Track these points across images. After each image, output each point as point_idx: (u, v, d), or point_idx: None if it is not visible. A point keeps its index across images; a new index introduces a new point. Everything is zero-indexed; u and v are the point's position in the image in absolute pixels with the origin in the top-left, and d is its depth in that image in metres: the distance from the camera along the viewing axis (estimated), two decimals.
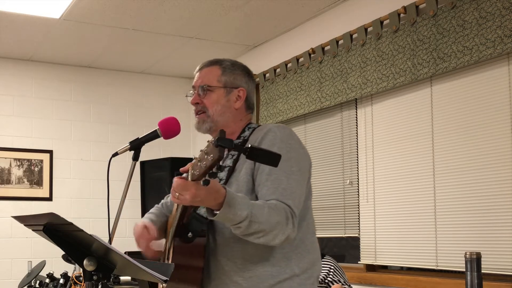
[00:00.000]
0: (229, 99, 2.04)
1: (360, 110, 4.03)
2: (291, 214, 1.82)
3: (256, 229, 1.74)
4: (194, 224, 1.90)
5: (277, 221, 1.77)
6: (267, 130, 1.95)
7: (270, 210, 1.77)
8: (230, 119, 2.04)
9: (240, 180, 1.92)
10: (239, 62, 2.13)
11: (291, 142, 1.94)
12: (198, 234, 1.90)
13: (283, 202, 1.82)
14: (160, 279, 1.61)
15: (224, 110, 2.03)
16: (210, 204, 1.69)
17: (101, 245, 1.60)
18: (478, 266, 2.68)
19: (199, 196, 1.64)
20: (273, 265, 1.91)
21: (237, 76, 2.07)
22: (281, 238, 1.80)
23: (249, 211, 1.72)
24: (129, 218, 5.59)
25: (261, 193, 1.87)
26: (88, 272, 1.69)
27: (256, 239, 1.78)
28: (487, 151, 3.13)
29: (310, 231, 2.01)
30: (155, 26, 4.62)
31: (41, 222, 1.68)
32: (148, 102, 6.03)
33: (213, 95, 2.03)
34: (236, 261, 1.91)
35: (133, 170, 2.00)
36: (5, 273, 5.29)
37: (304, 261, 1.96)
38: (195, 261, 1.91)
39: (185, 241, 1.90)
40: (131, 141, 2.05)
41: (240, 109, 2.06)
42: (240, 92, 2.05)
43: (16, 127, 5.48)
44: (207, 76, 2.06)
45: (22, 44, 5.07)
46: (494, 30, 3.01)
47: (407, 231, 3.60)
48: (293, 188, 1.87)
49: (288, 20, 4.52)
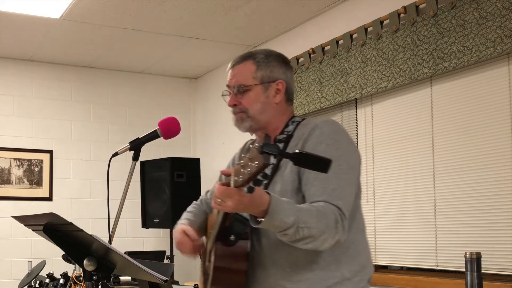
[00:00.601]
0: (268, 94, 1.92)
1: (360, 110, 4.03)
2: (341, 216, 1.72)
3: (304, 235, 1.65)
4: (237, 227, 1.83)
5: (326, 225, 1.68)
6: (313, 125, 1.85)
7: (319, 214, 1.68)
8: (271, 116, 1.93)
9: (285, 178, 1.83)
10: (273, 50, 2.00)
11: (340, 138, 1.83)
12: (241, 237, 1.84)
13: (332, 204, 1.72)
14: (160, 279, 1.61)
15: (264, 107, 1.92)
16: (254, 212, 1.61)
17: (101, 245, 1.60)
18: (478, 266, 2.68)
19: (242, 204, 1.56)
20: (323, 269, 1.82)
21: (273, 68, 1.94)
22: (330, 242, 1.71)
23: (296, 217, 1.63)
24: (129, 218, 5.62)
25: (308, 193, 1.78)
26: (88, 272, 1.70)
27: (304, 245, 1.69)
28: (487, 151, 3.13)
29: (360, 230, 1.92)
30: (155, 26, 4.62)
31: (41, 222, 1.68)
32: (148, 102, 6.03)
33: (250, 94, 1.91)
34: (283, 265, 1.84)
35: (133, 170, 2.00)
36: (5, 273, 5.29)
37: (355, 263, 1.87)
38: (238, 265, 1.85)
39: (227, 244, 1.83)
40: (131, 141, 2.05)
41: (280, 103, 1.94)
42: (279, 85, 1.93)
43: (16, 127, 5.48)
44: (241, 74, 1.93)
45: (22, 44, 5.07)
46: (494, 30, 3.01)
47: (407, 231, 3.60)
48: (343, 188, 1.77)
49: (288, 20, 4.52)
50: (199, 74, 6.08)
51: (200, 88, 6.14)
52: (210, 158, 5.74)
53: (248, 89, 1.91)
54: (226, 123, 5.54)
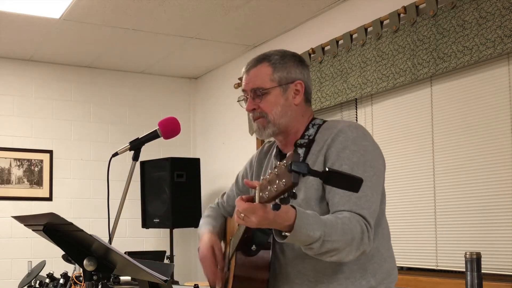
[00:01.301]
0: (287, 96, 1.86)
1: (360, 110, 4.03)
2: (367, 226, 1.68)
3: (329, 248, 1.61)
4: (258, 236, 1.78)
5: (352, 237, 1.63)
6: (337, 131, 1.79)
7: (344, 227, 1.63)
8: (292, 118, 1.87)
9: (309, 185, 1.78)
10: (288, 51, 1.94)
11: (365, 143, 1.78)
12: (263, 247, 1.80)
13: (357, 213, 1.68)
14: (160, 279, 1.61)
15: (285, 110, 1.85)
16: (279, 227, 1.57)
17: (101, 245, 1.60)
18: (478, 266, 2.68)
19: (267, 220, 1.51)
20: (348, 278, 1.78)
21: (290, 69, 1.87)
22: (355, 254, 1.67)
23: (322, 231, 1.58)
24: (129, 218, 5.62)
25: (332, 201, 1.73)
26: (88, 272, 1.69)
27: (329, 257, 1.65)
28: (487, 151, 3.13)
29: (386, 236, 1.88)
30: (155, 26, 4.62)
31: (41, 222, 1.68)
32: (148, 102, 6.03)
33: (269, 97, 1.85)
34: (308, 275, 1.81)
35: (133, 170, 2.00)
36: (5, 273, 5.29)
37: (381, 271, 1.83)
38: (259, 274, 1.81)
39: (249, 254, 1.79)
40: (131, 141, 2.05)
41: (300, 104, 1.88)
42: (298, 85, 1.87)
43: (16, 127, 5.48)
44: (257, 77, 1.87)
45: (22, 44, 5.07)
46: (494, 30, 3.01)
47: (407, 231, 3.60)
48: (368, 196, 1.71)
49: (288, 20, 4.52)
50: (199, 74, 6.08)
51: (200, 88, 6.14)
52: (210, 158, 5.74)
53: (266, 92, 1.85)
54: (226, 123, 5.54)
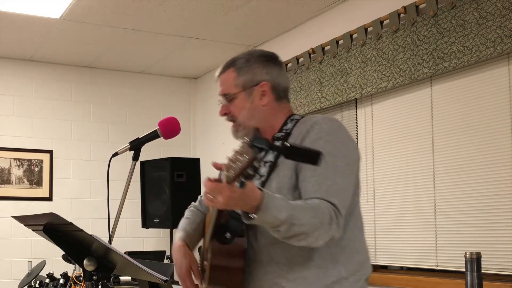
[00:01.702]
0: (253, 100, 1.93)
1: (360, 110, 4.03)
2: (336, 213, 1.70)
3: (297, 231, 1.64)
4: (233, 224, 1.80)
5: (320, 222, 1.66)
6: (312, 122, 1.84)
7: (312, 211, 1.67)
8: (262, 119, 1.93)
9: (282, 176, 1.82)
10: (256, 51, 2.01)
11: (339, 135, 1.83)
12: (237, 235, 1.82)
13: (327, 201, 1.71)
14: (160, 279, 1.61)
15: (251, 113, 1.92)
16: (246, 208, 1.60)
17: (101, 245, 1.60)
18: (478, 266, 2.68)
19: (233, 199, 1.55)
20: (319, 267, 1.80)
21: (255, 71, 1.94)
22: (324, 239, 1.69)
23: (289, 214, 1.62)
24: (129, 218, 5.62)
25: (304, 189, 1.77)
26: (88, 272, 1.69)
27: (297, 241, 1.68)
28: (487, 151, 3.13)
29: (359, 228, 1.90)
30: (155, 26, 4.62)
31: (41, 222, 1.68)
32: (148, 102, 6.03)
33: (236, 102, 1.93)
34: (279, 262, 1.83)
35: (133, 170, 2.00)
36: (5, 273, 5.29)
37: (352, 262, 1.84)
38: (234, 263, 1.83)
39: (224, 242, 1.81)
40: (131, 141, 2.05)
41: (269, 104, 1.93)
42: (263, 86, 1.93)
43: (16, 127, 5.48)
44: (224, 83, 1.96)
45: (22, 44, 5.07)
46: (494, 30, 3.01)
47: (407, 231, 3.60)
48: (339, 185, 1.75)
49: (288, 20, 4.52)
50: (199, 74, 6.08)
51: (200, 88, 6.14)
52: (210, 158, 5.74)
53: (233, 98, 1.93)
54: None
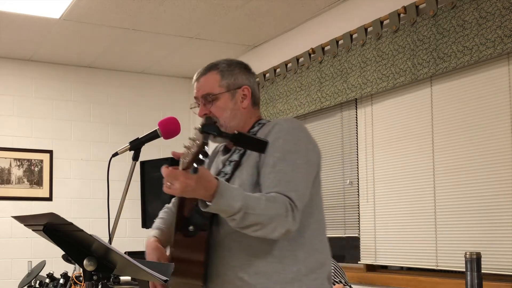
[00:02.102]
0: (235, 101, 1.99)
1: (360, 110, 4.03)
2: (292, 206, 1.76)
3: (252, 221, 1.71)
4: (196, 218, 1.86)
5: (276, 213, 1.73)
6: (274, 123, 1.92)
7: (268, 202, 1.73)
8: (241, 121, 2.00)
9: (244, 173, 1.89)
10: (234, 59, 2.09)
11: (299, 134, 1.89)
12: (200, 228, 1.87)
13: (284, 195, 1.77)
14: (160, 279, 1.61)
15: (234, 113, 1.99)
16: (202, 195, 1.66)
17: (101, 245, 1.60)
18: (478, 266, 2.68)
19: (189, 186, 1.61)
20: (280, 262, 1.85)
21: (237, 76, 2.02)
22: (280, 231, 1.75)
23: (244, 203, 1.68)
24: (129, 218, 5.61)
25: (264, 185, 1.83)
26: (88, 272, 1.69)
27: (253, 232, 1.74)
28: (487, 151, 3.13)
29: (320, 229, 1.95)
30: (155, 26, 4.62)
31: (41, 222, 1.68)
32: (148, 102, 6.03)
33: (219, 102, 1.98)
34: (241, 256, 1.87)
35: (133, 170, 2.00)
36: (5, 273, 5.29)
37: (312, 260, 1.90)
38: (196, 256, 1.87)
39: (187, 234, 1.87)
40: (131, 141, 2.04)
41: (248, 108, 2.02)
42: (244, 90, 2.01)
43: (16, 127, 5.48)
44: (207, 84, 2.01)
45: (22, 44, 5.07)
46: (494, 30, 3.01)
47: (407, 231, 3.60)
48: (297, 181, 1.81)
49: (288, 20, 4.52)
50: None
51: None
52: None
53: (216, 98, 1.98)
54: None
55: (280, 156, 1.82)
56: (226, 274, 1.89)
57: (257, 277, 1.85)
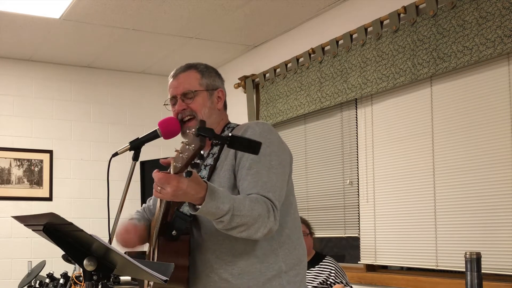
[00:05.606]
0: (212, 101, 2.07)
1: (360, 110, 4.03)
2: (272, 207, 1.83)
3: (239, 222, 1.75)
4: (178, 222, 1.90)
5: (259, 214, 1.78)
6: (246, 127, 1.98)
7: (251, 203, 1.78)
8: (215, 121, 2.07)
9: (221, 177, 1.94)
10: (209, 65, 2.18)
11: (271, 137, 1.95)
12: (183, 232, 1.91)
13: (263, 196, 1.83)
14: (160, 279, 1.61)
15: (210, 112, 2.06)
16: (192, 198, 1.69)
17: (101, 245, 1.60)
18: (478, 266, 2.68)
19: (181, 189, 1.64)
20: (262, 262, 1.92)
21: (214, 78, 2.10)
22: (263, 231, 1.81)
23: (231, 204, 1.72)
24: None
25: (242, 187, 1.88)
26: (88, 272, 1.69)
27: (238, 233, 1.79)
28: (487, 151, 3.13)
29: (296, 227, 2.03)
30: (155, 26, 4.62)
31: (41, 222, 1.68)
32: (148, 102, 6.03)
33: (198, 99, 2.05)
34: (224, 258, 1.92)
35: (133, 170, 2.00)
36: (5, 273, 5.29)
37: (291, 257, 1.97)
38: (180, 260, 1.90)
39: (170, 239, 1.90)
40: (131, 141, 2.04)
41: (221, 109, 2.10)
42: (219, 93, 2.10)
43: (16, 127, 5.48)
44: (187, 81, 2.07)
45: (22, 44, 5.07)
46: (494, 30, 3.01)
47: (407, 231, 3.60)
48: (274, 181, 1.88)
49: (288, 20, 4.52)
50: None
51: None
52: None
53: (196, 95, 2.04)
54: None
55: (255, 158, 1.87)
56: (209, 276, 1.94)
57: (241, 278, 1.91)
